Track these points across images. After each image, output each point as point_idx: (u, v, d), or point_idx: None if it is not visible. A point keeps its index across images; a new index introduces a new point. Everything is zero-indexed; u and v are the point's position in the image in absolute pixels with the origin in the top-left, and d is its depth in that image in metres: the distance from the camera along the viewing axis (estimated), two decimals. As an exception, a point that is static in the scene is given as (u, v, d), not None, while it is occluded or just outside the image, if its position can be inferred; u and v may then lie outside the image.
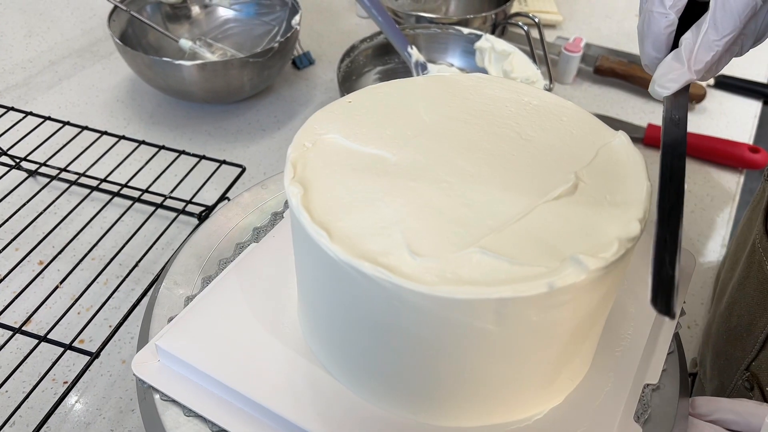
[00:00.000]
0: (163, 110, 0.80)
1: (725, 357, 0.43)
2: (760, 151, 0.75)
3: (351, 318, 0.33)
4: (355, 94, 0.40)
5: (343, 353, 0.36)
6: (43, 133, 0.67)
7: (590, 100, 0.86)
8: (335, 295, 0.33)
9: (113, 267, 0.57)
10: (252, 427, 0.36)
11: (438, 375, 0.32)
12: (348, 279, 0.30)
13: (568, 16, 1.04)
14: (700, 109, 0.85)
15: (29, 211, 0.60)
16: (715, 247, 0.66)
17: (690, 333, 0.58)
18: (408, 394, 0.35)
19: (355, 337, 0.34)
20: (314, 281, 0.35)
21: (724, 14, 0.30)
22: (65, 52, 0.89)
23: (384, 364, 0.34)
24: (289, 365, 0.37)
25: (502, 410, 0.35)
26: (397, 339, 0.31)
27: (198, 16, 0.87)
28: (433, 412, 0.35)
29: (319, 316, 0.36)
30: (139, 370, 0.38)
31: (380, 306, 0.30)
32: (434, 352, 0.31)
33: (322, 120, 0.38)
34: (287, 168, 0.34)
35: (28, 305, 0.54)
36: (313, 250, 0.31)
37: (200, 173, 0.64)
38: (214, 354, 0.37)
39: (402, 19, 0.85)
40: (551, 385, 0.35)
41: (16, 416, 0.47)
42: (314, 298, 0.36)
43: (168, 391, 0.37)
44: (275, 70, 0.78)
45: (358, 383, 0.36)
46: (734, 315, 0.43)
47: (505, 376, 0.33)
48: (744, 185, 0.75)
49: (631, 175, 0.35)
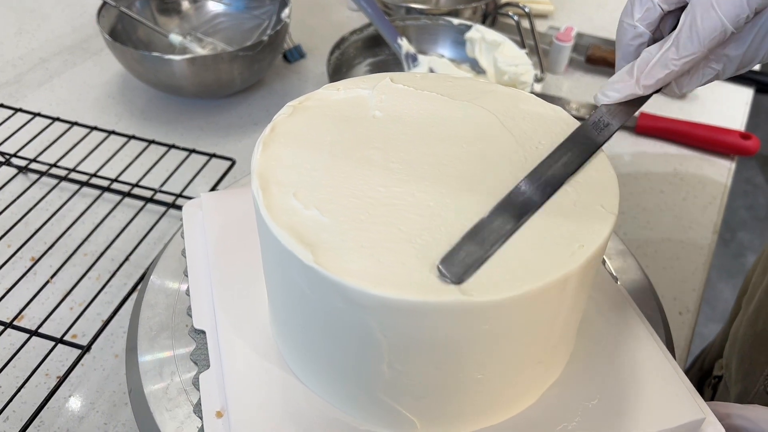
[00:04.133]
0: (154, 106, 0.80)
1: (750, 361, 0.43)
2: (751, 138, 0.75)
3: (300, 310, 0.33)
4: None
5: (297, 346, 0.36)
6: (33, 129, 0.67)
7: (582, 89, 0.86)
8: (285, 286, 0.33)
9: (104, 262, 0.57)
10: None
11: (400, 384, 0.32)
12: (287, 264, 0.30)
13: (559, 5, 1.04)
14: (692, 96, 0.85)
15: (20, 208, 0.60)
16: (706, 234, 0.66)
17: (681, 320, 0.58)
18: (367, 401, 0.34)
19: (303, 331, 0.34)
20: (270, 275, 0.35)
21: (690, 35, 0.29)
22: (56, 49, 0.89)
23: (343, 368, 0.33)
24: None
25: (466, 419, 0.34)
26: (355, 343, 0.31)
27: (188, 10, 0.87)
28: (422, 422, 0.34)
29: (280, 311, 0.36)
30: (187, 211, 0.46)
31: (332, 307, 0.30)
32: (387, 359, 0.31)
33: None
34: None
35: (19, 301, 0.54)
36: (273, 248, 0.31)
37: (190, 167, 0.64)
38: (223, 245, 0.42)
39: (392, 11, 0.85)
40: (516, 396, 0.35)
41: (9, 411, 0.48)
42: (275, 293, 0.36)
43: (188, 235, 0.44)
44: (266, 64, 0.78)
45: (318, 383, 0.36)
46: (760, 320, 0.42)
47: (459, 386, 0.32)
48: (736, 172, 0.75)
49: (605, 183, 0.34)
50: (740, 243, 1.89)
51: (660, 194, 0.71)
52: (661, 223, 0.67)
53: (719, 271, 1.78)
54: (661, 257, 0.63)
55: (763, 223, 1.95)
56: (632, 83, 0.31)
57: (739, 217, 1.96)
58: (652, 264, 0.63)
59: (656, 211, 0.69)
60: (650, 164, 0.75)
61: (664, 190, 0.71)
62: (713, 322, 1.62)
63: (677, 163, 0.75)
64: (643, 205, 0.69)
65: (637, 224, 0.67)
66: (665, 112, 0.81)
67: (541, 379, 0.35)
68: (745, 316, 0.46)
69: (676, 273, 0.62)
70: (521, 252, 0.30)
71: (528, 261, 0.29)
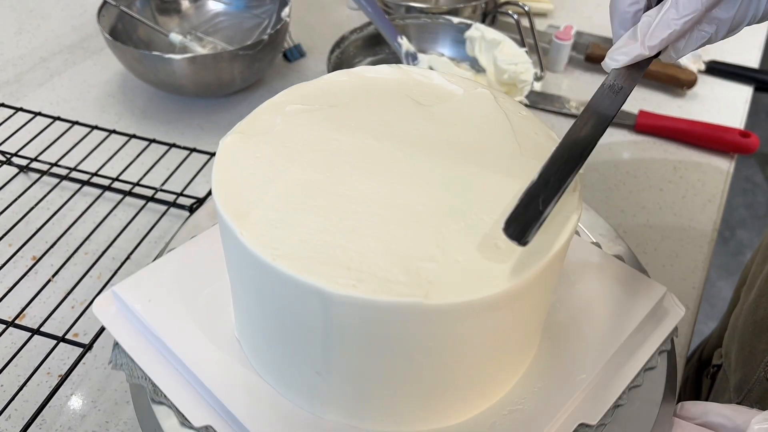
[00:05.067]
0: (154, 105, 0.80)
1: (750, 349, 0.43)
2: (750, 136, 0.75)
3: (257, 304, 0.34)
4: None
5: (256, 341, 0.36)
6: (33, 128, 0.67)
7: (581, 87, 0.86)
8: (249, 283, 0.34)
9: (106, 260, 0.57)
10: (186, 392, 0.37)
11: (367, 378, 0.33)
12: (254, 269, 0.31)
13: (558, 4, 1.04)
14: (691, 94, 0.85)
15: (21, 207, 0.60)
16: (706, 231, 0.66)
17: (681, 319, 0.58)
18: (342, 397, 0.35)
19: (258, 322, 0.35)
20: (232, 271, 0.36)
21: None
22: (56, 49, 0.89)
23: (305, 363, 0.34)
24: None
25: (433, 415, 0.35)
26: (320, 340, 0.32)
27: (188, 10, 0.87)
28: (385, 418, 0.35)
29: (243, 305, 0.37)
30: (99, 311, 0.41)
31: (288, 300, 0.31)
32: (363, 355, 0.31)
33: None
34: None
35: (21, 300, 0.54)
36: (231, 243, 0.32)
37: (191, 166, 0.64)
38: (163, 313, 0.39)
39: (392, 10, 0.85)
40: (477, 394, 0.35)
41: (11, 409, 0.48)
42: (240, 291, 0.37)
43: (117, 336, 0.39)
44: (266, 63, 0.78)
45: (276, 377, 0.37)
46: (761, 308, 0.43)
47: (422, 383, 0.33)
48: (735, 170, 0.75)
49: None
50: (739, 241, 1.89)
51: (659, 192, 0.71)
52: (661, 221, 0.68)
53: (718, 269, 1.78)
54: (661, 255, 0.64)
55: (762, 221, 1.95)
56: (637, 45, 0.33)
57: (739, 216, 1.97)
58: (652, 262, 0.63)
59: (655, 209, 0.69)
60: (650, 162, 0.75)
61: (663, 189, 0.71)
62: (712, 319, 1.62)
63: (677, 161, 0.75)
64: (642, 204, 0.69)
65: (637, 222, 0.67)
66: (665, 110, 0.81)
67: (499, 382, 0.36)
68: (745, 305, 0.47)
69: (675, 271, 0.62)
70: (470, 256, 0.30)
71: (480, 267, 0.30)
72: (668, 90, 0.85)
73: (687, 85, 0.84)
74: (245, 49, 0.72)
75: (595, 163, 0.74)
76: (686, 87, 0.84)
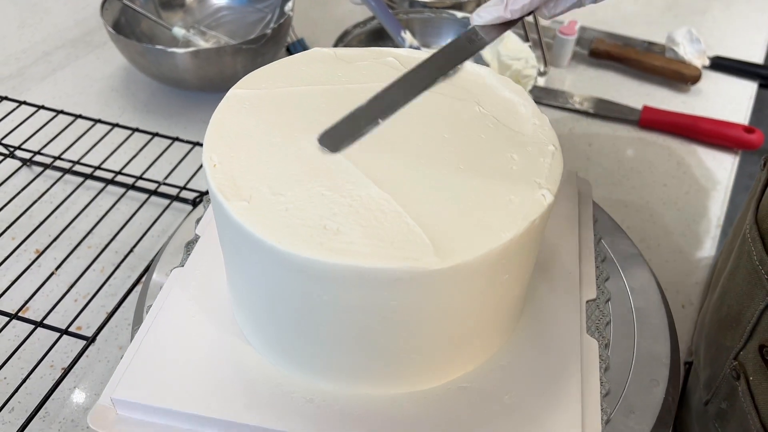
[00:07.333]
0: (157, 99, 0.80)
1: (716, 346, 0.44)
2: (755, 132, 0.75)
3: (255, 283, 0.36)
4: None
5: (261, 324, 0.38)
6: (37, 122, 0.67)
7: (585, 83, 0.85)
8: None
9: (108, 254, 0.57)
10: None
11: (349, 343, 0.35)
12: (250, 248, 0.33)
13: (563, -1, 1.03)
14: (695, 90, 0.85)
15: (24, 200, 0.60)
16: (709, 228, 0.66)
17: (684, 312, 0.58)
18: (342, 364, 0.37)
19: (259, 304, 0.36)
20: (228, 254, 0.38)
21: None
22: (59, 42, 0.89)
23: (302, 336, 0.36)
24: (246, 374, 0.38)
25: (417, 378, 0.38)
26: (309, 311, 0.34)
27: (191, 4, 0.87)
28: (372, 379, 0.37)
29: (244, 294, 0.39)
30: (99, 425, 0.37)
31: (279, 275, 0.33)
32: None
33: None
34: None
35: (24, 293, 0.54)
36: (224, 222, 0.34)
37: (194, 160, 0.64)
38: (170, 388, 0.37)
39: (395, 4, 0.85)
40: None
41: (15, 402, 0.48)
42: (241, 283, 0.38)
43: None
44: (269, 57, 0.78)
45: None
46: (725, 305, 0.43)
47: (406, 347, 0.35)
48: (739, 166, 0.75)
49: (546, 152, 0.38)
50: (743, 238, 1.88)
51: (663, 188, 0.71)
52: (665, 216, 0.67)
53: (722, 266, 1.77)
54: (665, 250, 0.63)
55: (765, 218, 1.94)
56: (501, 8, 0.36)
57: (742, 213, 1.96)
58: (656, 257, 0.63)
59: (659, 205, 0.69)
60: (654, 158, 0.74)
61: (667, 184, 0.71)
62: (715, 317, 1.62)
63: (680, 157, 0.75)
64: (646, 199, 0.69)
65: (641, 218, 0.67)
66: (669, 106, 0.81)
67: (475, 350, 0.39)
68: (711, 302, 0.47)
69: (679, 266, 0.62)
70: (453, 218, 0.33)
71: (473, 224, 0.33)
72: (672, 86, 0.85)
73: (691, 80, 0.83)
74: (248, 43, 0.72)
75: (599, 158, 0.74)
76: (690, 82, 0.84)
